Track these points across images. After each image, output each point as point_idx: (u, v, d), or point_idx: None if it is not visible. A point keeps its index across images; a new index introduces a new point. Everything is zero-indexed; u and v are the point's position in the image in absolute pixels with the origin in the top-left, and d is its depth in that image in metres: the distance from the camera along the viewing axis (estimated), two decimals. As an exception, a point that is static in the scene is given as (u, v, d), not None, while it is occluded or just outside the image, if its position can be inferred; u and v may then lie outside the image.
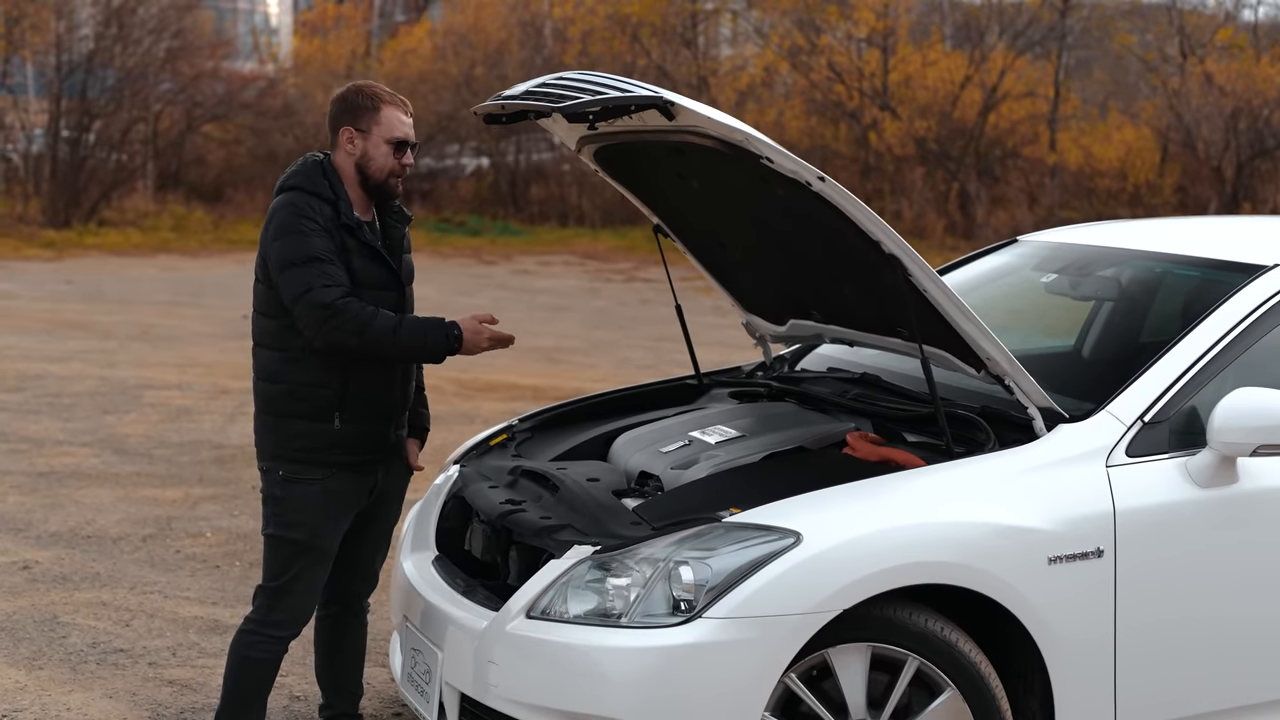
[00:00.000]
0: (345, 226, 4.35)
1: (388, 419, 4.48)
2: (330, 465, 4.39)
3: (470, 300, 18.20)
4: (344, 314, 4.22)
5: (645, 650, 3.77)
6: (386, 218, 4.52)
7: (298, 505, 4.40)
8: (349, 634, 4.72)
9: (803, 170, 3.97)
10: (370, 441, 4.45)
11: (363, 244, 4.37)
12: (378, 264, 4.40)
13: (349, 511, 4.48)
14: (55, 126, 26.81)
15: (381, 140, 4.41)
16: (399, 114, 4.45)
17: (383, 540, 4.70)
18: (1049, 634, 3.94)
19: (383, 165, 4.41)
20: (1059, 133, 26.09)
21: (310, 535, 4.40)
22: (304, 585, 4.44)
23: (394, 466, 4.60)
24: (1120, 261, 5.15)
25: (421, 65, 31.59)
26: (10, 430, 9.51)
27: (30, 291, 17.77)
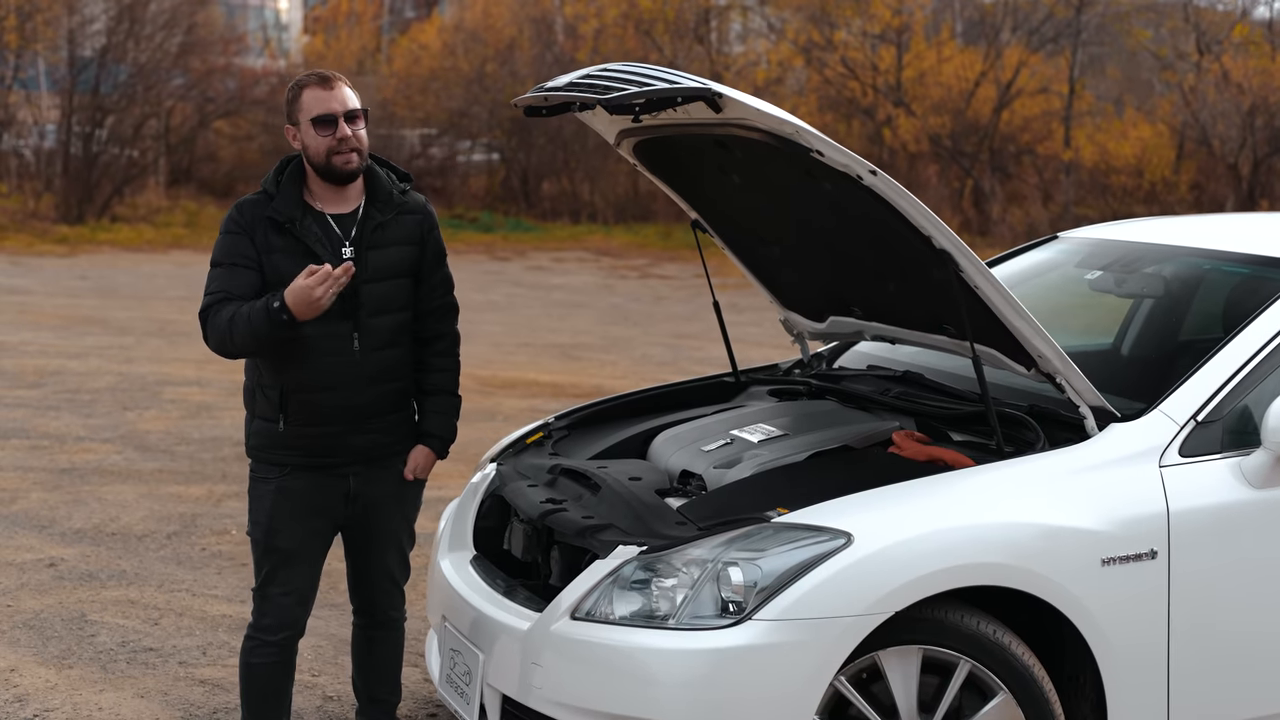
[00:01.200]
0: (272, 222, 4.24)
1: (339, 422, 4.29)
2: (284, 465, 4.32)
3: (485, 296, 18.16)
4: (207, 323, 4.22)
5: (694, 653, 3.71)
6: (370, 206, 4.34)
7: (257, 503, 4.37)
8: (378, 646, 4.61)
9: (854, 164, 3.91)
10: (322, 444, 4.30)
11: (293, 240, 4.23)
12: (309, 259, 4.19)
13: (315, 515, 4.34)
14: (68, 122, 26.76)
15: (307, 123, 4.24)
16: (317, 92, 4.25)
17: (391, 551, 4.51)
18: (1102, 636, 3.88)
19: (316, 147, 4.24)
20: (1074, 130, 25.99)
21: (267, 535, 4.34)
22: (280, 588, 4.36)
23: (377, 473, 4.41)
24: (1165, 258, 5.08)
25: (432, 62, 31.53)
26: (31, 426, 9.47)
27: (45, 287, 17.74)
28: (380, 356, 4.34)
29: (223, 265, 4.25)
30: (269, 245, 4.24)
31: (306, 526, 4.35)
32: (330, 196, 4.33)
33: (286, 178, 4.31)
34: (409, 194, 4.45)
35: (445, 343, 4.52)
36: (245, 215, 4.27)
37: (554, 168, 29.46)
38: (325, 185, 4.31)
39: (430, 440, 4.50)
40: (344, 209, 4.34)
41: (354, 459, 4.35)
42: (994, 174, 25.95)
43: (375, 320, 4.31)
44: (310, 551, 4.39)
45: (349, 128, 4.24)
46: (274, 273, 4.22)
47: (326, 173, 4.27)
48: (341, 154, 4.24)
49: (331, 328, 4.24)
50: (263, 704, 4.42)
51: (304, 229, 4.25)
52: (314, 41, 38.29)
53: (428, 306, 4.46)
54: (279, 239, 4.25)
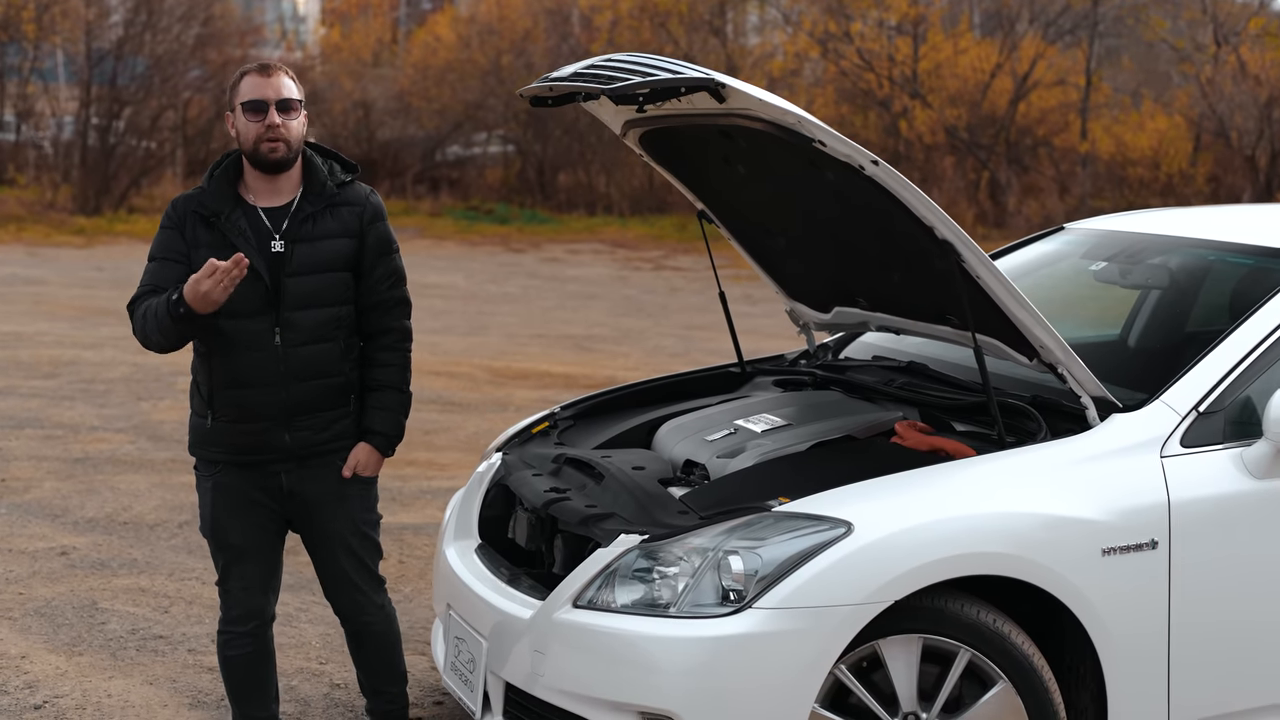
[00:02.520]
0: (199, 216, 4.23)
1: (263, 419, 4.22)
2: (216, 461, 4.31)
3: (500, 288, 18.19)
4: (132, 318, 4.24)
5: (694, 640, 3.73)
6: (304, 199, 4.27)
7: (201, 499, 4.40)
8: (364, 645, 4.57)
9: (856, 154, 3.92)
10: (248, 441, 4.25)
11: (219, 234, 4.19)
12: (230, 254, 4.10)
13: (253, 511, 4.31)
14: (85, 114, 26.87)
15: (240, 109, 4.20)
16: (255, 79, 4.21)
17: (337, 552, 4.39)
18: (1102, 626, 3.89)
19: (246, 133, 4.20)
20: (1090, 121, 25.93)
21: (213, 532, 4.35)
22: (238, 582, 4.36)
23: (312, 471, 4.31)
24: (1170, 249, 5.09)
25: (448, 54, 31.56)
26: (45, 416, 9.52)
27: (61, 278, 17.81)
28: (306, 352, 4.24)
29: (154, 260, 4.25)
30: (196, 240, 4.22)
31: (247, 521, 4.33)
32: (263, 189, 4.28)
33: (221, 172, 4.29)
34: (351, 185, 4.36)
35: (391, 337, 4.38)
36: (178, 210, 4.27)
37: (570, 159, 29.48)
38: (258, 176, 4.27)
39: (372, 437, 4.36)
40: (277, 201, 4.28)
41: (284, 456, 4.28)
42: (1010, 166, 25.91)
43: (299, 315, 4.22)
44: (258, 544, 4.35)
45: (279, 116, 4.19)
46: (198, 265, 4.15)
47: (255, 160, 4.23)
48: (269, 142, 4.19)
49: (252, 323, 4.20)
50: (246, 693, 4.45)
51: (229, 223, 4.21)
52: (331, 33, 38.33)
53: (371, 300, 4.34)
54: (206, 233, 4.22)
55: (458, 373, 11.70)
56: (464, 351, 12.84)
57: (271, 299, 4.21)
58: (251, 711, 4.47)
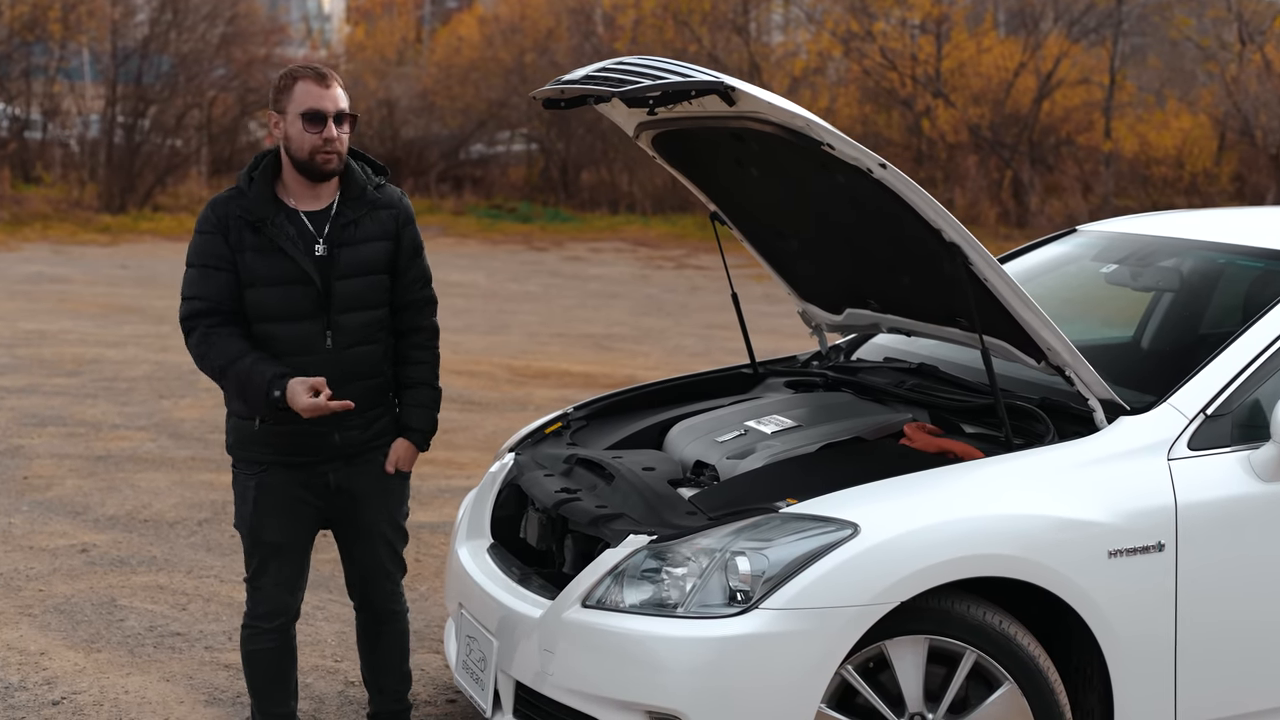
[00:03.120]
0: (244, 221, 4.23)
1: (312, 421, 4.22)
2: (261, 462, 4.32)
3: (521, 287, 18.24)
4: (189, 337, 4.24)
5: (701, 641, 3.76)
6: (344, 204, 4.31)
7: (240, 499, 4.38)
8: (381, 638, 4.62)
9: (864, 157, 3.94)
10: (299, 443, 4.28)
11: (265, 239, 4.21)
12: (281, 259, 4.20)
13: (296, 510, 4.35)
14: (111, 112, 27.02)
15: (295, 116, 4.20)
16: (312, 86, 4.21)
17: (376, 545, 4.46)
18: (1108, 628, 3.91)
19: (300, 142, 4.20)
20: (1114, 120, 25.84)
21: (252, 530, 4.36)
22: (271, 579, 4.39)
23: (358, 469, 4.38)
24: (1181, 252, 5.09)
25: (471, 53, 31.64)
26: (68, 414, 9.60)
27: (86, 276, 17.92)
28: (354, 354, 4.30)
29: (195, 267, 4.24)
30: (241, 244, 4.22)
31: (289, 520, 4.36)
32: (304, 193, 4.30)
33: (260, 174, 4.29)
34: (384, 188, 4.40)
35: (423, 335, 4.45)
36: (218, 213, 4.25)
37: (593, 158, 29.53)
38: (301, 181, 4.28)
39: (411, 434, 4.45)
40: (317, 205, 4.30)
41: (332, 456, 4.33)
42: (1033, 165, 25.84)
43: (348, 317, 4.28)
44: (296, 542, 4.40)
45: (336, 129, 4.22)
46: (247, 271, 4.21)
47: (306, 169, 4.25)
48: (324, 154, 4.22)
49: (304, 326, 4.24)
50: (268, 688, 4.48)
51: (276, 228, 4.22)
52: (355, 32, 38.44)
53: (404, 300, 4.40)
54: (252, 237, 4.22)
55: (478, 371, 11.74)
56: (484, 350, 12.88)
57: (322, 302, 4.25)
58: (271, 708, 4.51)
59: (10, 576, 6.30)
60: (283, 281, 4.22)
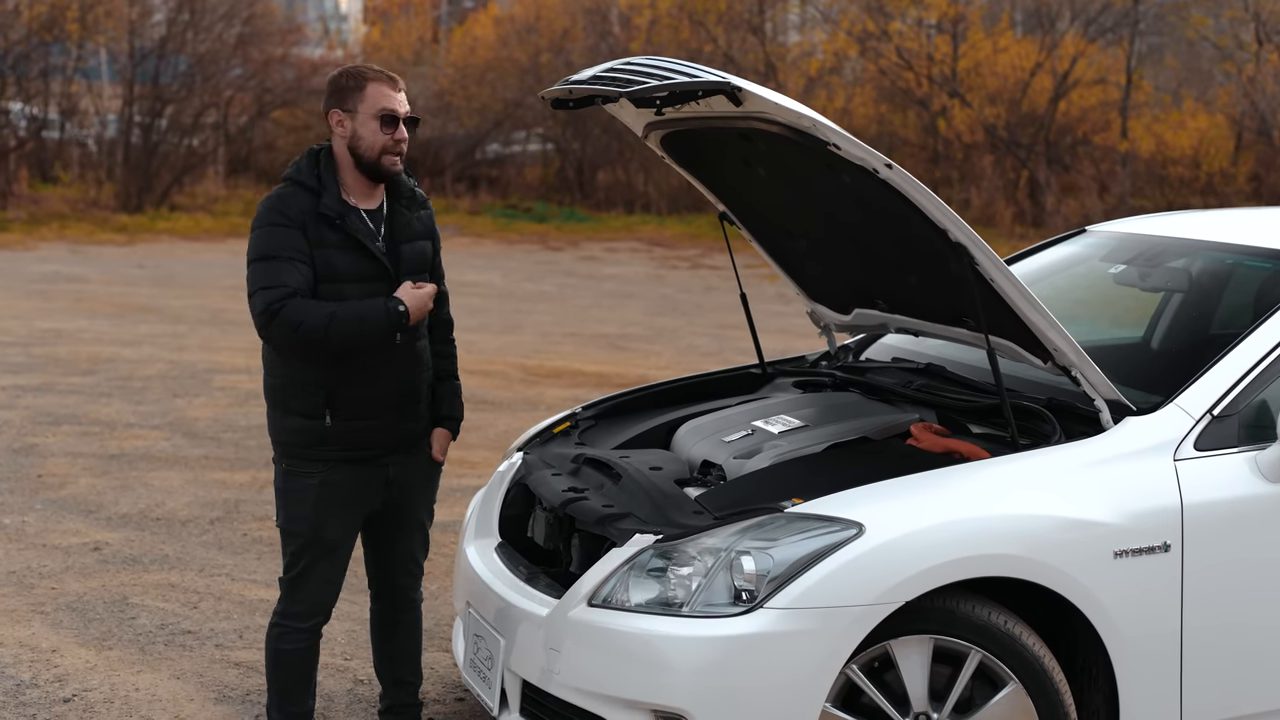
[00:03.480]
0: (324, 217, 4.26)
1: (384, 414, 4.36)
2: (326, 460, 4.35)
3: (536, 286, 18.26)
4: (276, 319, 4.18)
5: (706, 640, 3.77)
6: (396, 203, 4.41)
7: (297, 499, 4.38)
8: (400, 627, 4.67)
9: (870, 157, 3.95)
10: (367, 437, 4.36)
11: (345, 235, 4.27)
12: (363, 256, 4.29)
13: (357, 505, 4.41)
14: (128, 112, 27.12)
15: (368, 116, 4.27)
16: (385, 88, 4.29)
17: (415, 532, 4.58)
18: (1114, 628, 3.91)
19: (372, 143, 4.28)
20: (1131, 120, 25.78)
21: (312, 529, 4.38)
22: (317, 577, 4.42)
23: (412, 459, 4.49)
24: (1190, 253, 5.09)
25: (487, 53, 31.68)
26: (82, 413, 9.64)
27: (103, 275, 17.99)
28: (416, 348, 4.43)
29: (276, 259, 4.22)
30: (322, 240, 4.26)
31: (348, 517, 4.42)
32: (363, 192, 4.37)
33: (327, 172, 4.33)
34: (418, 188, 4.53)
35: (446, 328, 4.61)
36: (292, 209, 4.26)
37: (609, 158, 29.55)
38: (361, 180, 4.35)
39: (448, 422, 4.59)
40: (372, 205, 4.39)
41: (394, 448, 4.43)
42: (1049, 165, 25.78)
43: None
44: (348, 540, 4.47)
45: (406, 131, 4.33)
46: (326, 267, 4.25)
47: (372, 169, 4.32)
48: (392, 155, 4.31)
49: None
50: (291, 688, 4.50)
51: (353, 224, 4.30)
52: (372, 32, 38.52)
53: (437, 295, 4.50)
54: (332, 234, 4.27)
55: (491, 371, 11.76)
56: (498, 350, 12.90)
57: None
58: (291, 707, 4.53)
59: (23, 574, 6.33)
60: (363, 278, 4.30)
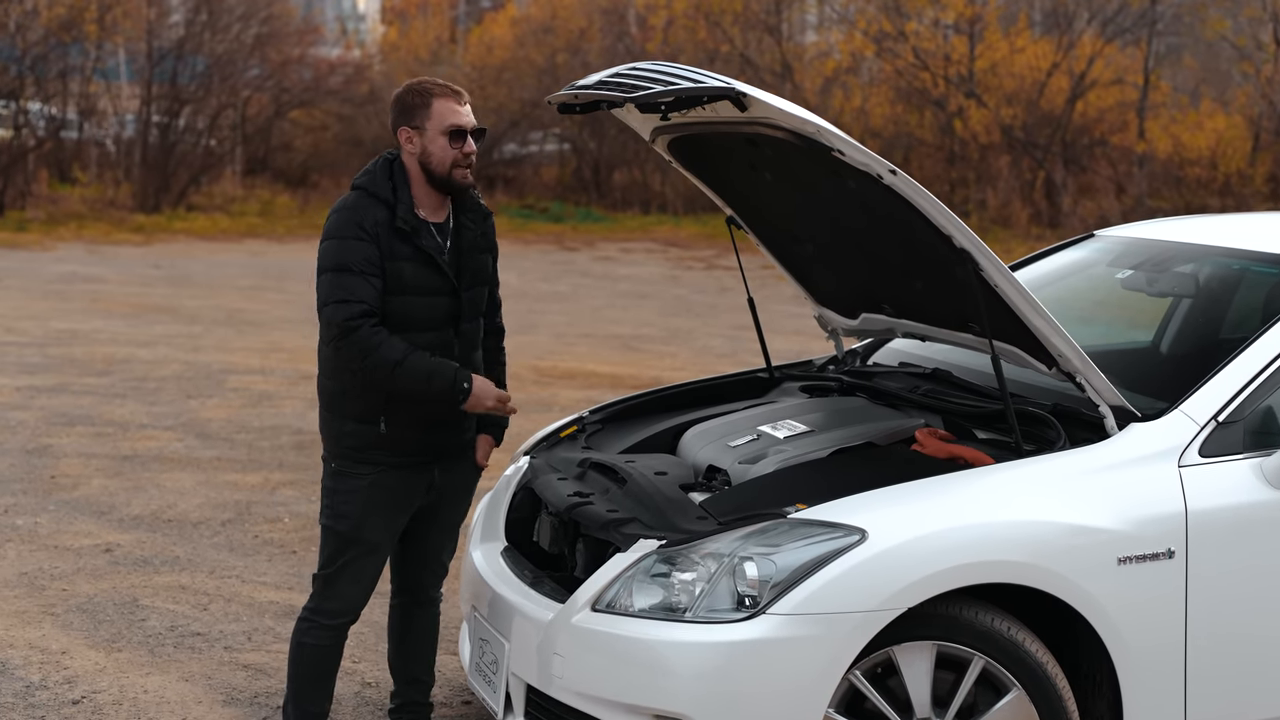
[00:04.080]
0: (398, 231, 4.31)
1: (437, 424, 4.42)
2: (378, 464, 4.40)
3: (551, 287, 18.27)
4: (349, 337, 4.23)
5: (709, 645, 3.78)
6: (462, 216, 4.47)
7: (346, 499, 4.43)
8: (417, 624, 4.73)
9: (874, 163, 3.95)
10: (419, 445, 4.42)
11: (416, 249, 4.32)
12: (432, 270, 4.35)
13: (401, 507, 4.47)
14: (146, 112, 27.22)
15: (437, 133, 4.33)
16: (451, 104, 4.35)
17: (449, 534, 4.68)
18: (1118, 635, 3.91)
19: (442, 158, 4.34)
20: (1148, 121, 25.70)
21: (355, 528, 4.42)
22: (352, 575, 4.46)
23: (458, 464, 4.57)
24: (1197, 258, 5.08)
25: (504, 53, 31.73)
26: (96, 414, 9.68)
27: (119, 275, 18.05)
28: (471, 360, 4.49)
29: (350, 271, 4.25)
30: (394, 253, 4.30)
31: (394, 520, 4.48)
32: (433, 205, 4.42)
33: (401, 185, 4.37)
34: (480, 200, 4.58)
35: (498, 337, 4.70)
36: (368, 221, 4.29)
37: (625, 158, 29.57)
38: (432, 194, 4.40)
39: (494, 429, 4.66)
40: (439, 218, 4.44)
41: (441, 454, 4.49)
42: (1066, 166, 25.72)
43: (469, 326, 4.47)
44: (389, 543, 4.53)
45: (474, 143, 4.38)
46: (395, 279, 4.30)
47: (443, 184, 4.37)
48: (462, 168, 4.36)
49: (438, 335, 4.37)
50: (312, 684, 4.54)
51: (425, 238, 4.35)
52: (389, 32, 38.59)
53: (491, 304, 4.62)
54: (404, 247, 4.32)
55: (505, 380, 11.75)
56: (512, 350, 12.79)
57: (454, 311, 4.41)
58: (308, 705, 4.56)
59: (34, 575, 6.36)
60: (430, 292, 4.36)
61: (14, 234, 22.33)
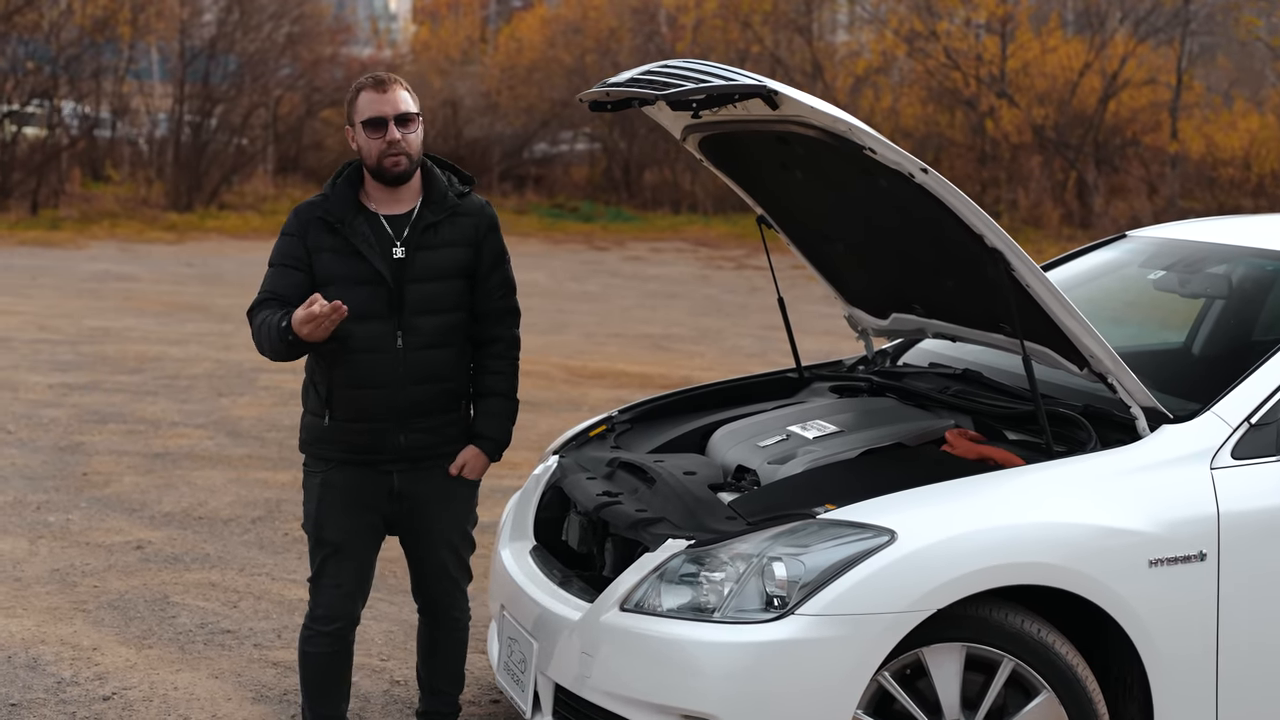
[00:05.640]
0: (323, 223, 4.34)
1: (382, 420, 4.34)
2: (328, 460, 4.39)
3: (581, 286, 18.29)
4: (251, 324, 4.36)
5: (737, 645, 3.77)
6: (425, 208, 4.40)
7: (307, 497, 4.47)
8: (442, 647, 4.65)
9: (905, 162, 3.93)
10: (364, 441, 4.36)
11: (342, 240, 4.31)
12: (358, 260, 4.31)
13: (358, 508, 4.40)
14: (179, 111, 27.34)
15: (360, 126, 4.33)
16: (371, 95, 4.32)
17: (439, 549, 4.51)
18: (1148, 637, 3.88)
19: (369, 149, 4.32)
20: (1181, 121, 25.57)
21: (316, 528, 4.42)
22: (330, 580, 4.43)
23: (423, 472, 4.42)
24: (1230, 259, 5.05)
25: (534, 53, 31.77)
26: (128, 411, 9.73)
27: (151, 274, 18.14)
28: (425, 356, 4.36)
29: (274, 266, 4.39)
30: (319, 245, 4.35)
31: (352, 520, 4.41)
32: (384, 197, 4.40)
33: (343, 179, 4.42)
34: (468, 196, 4.49)
35: (502, 345, 4.51)
36: (300, 218, 4.40)
37: (655, 158, 29.58)
38: (378, 186, 4.39)
39: (481, 441, 4.49)
40: (398, 209, 4.40)
41: (398, 457, 4.39)
42: (1098, 166, 25.61)
43: (421, 320, 4.35)
44: (358, 545, 4.44)
45: (399, 131, 4.30)
46: (323, 271, 4.34)
47: (378, 174, 4.36)
48: (391, 156, 4.31)
49: (375, 326, 4.32)
50: (320, 690, 4.53)
51: (352, 229, 4.33)
52: (420, 31, 38.67)
53: (485, 309, 4.47)
54: (329, 239, 4.34)
55: (534, 371, 11.78)
56: (541, 350, 12.93)
57: (395, 304, 4.34)
58: (321, 709, 4.55)
59: (66, 572, 6.40)
60: (357, 281, 4.32)
61: (48, 232, 22.47)
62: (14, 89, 25.18)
